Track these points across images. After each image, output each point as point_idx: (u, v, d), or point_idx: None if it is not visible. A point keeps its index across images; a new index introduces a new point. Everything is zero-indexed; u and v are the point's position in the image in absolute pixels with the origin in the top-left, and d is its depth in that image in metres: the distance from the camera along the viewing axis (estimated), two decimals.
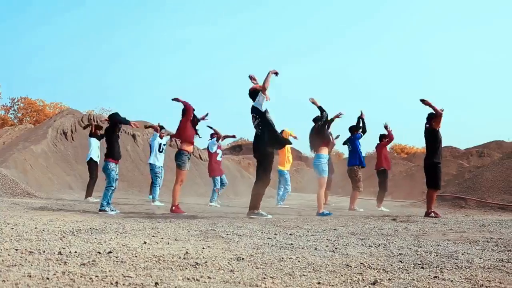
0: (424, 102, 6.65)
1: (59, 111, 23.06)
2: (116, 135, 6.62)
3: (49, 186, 11.27)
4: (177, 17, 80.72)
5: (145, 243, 3.04)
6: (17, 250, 2.57)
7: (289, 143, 6.95)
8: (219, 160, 9.49)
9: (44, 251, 2.57)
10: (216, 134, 9.44)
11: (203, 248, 2.93)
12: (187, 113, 6.94)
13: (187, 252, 2.72)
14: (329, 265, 2.46)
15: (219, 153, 9.47)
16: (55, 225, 3.93)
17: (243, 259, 2.56)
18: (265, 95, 5.83)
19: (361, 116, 9.04)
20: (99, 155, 9.64)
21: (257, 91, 5.88)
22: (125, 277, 2.01)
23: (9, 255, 2.41)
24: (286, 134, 8.89)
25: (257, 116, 5.87)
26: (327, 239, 3.57)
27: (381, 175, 9.40)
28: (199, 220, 5.20)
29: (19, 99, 32.10)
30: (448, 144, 27.15)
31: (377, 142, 9.57)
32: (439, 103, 6.72)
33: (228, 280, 2.05)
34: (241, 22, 78.95)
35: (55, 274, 2.00)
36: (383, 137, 9.45)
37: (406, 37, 76.33)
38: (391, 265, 2.51)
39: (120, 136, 6.95)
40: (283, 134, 8.19)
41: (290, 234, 3.89)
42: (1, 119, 30.81)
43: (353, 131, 9.03)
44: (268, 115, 5.88)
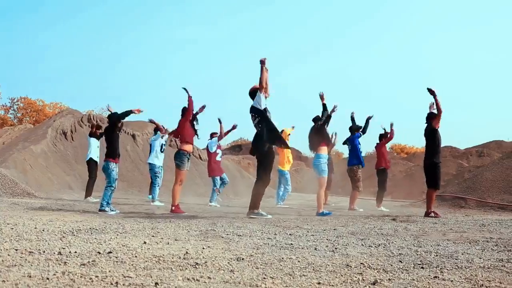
0: (430, 91, 6.59)
1: (58, 111, 23.06)
2: (116, 134, 6.60)
3: (48, 186, 11.27)
4: (177, 17, 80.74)
5: (145, 243, 3.04)
6: (17, 250, 2.57)
7: (286, 146, 6.93)
8: (219, 160, 9.48)
9: (44, 251, 2.57)
10: (216, 133, 9.42)
11: (203, 248, 2.93)
12: (186, 113, 6.94)
13: (187, 252, 2.72)
14: (329, 265, 2.46)
15: (218, 153, 9.46)
16: (55, 225, 3.93)
17: (243, 259, 2.56)
18: (264, 93, 5.84)
19: (370, 118, 9.10)
20: (98, 155, 9.65)
21: (257, 90, 5.88)
22: (125, 277, 2.01)
23: (9, 255, 2.41)
24: (285, 134, 8.90)
25: (257, 115, 5.87)
26: (327, 239, 3.57)
27: (380, 175, 9.42)
28: (199, 220, 5.20)
29: (18, 99, 32.15)
30: (447, 144, 27.16)
31: (377, 141, 9.61)
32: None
33: (228, 280, 2.05)
34: (241, 22, 78.98)
35: (55, 274, 2.00)
36: (382, 137, 9.48)
37: (406, 37, 76.36)
38: (391, 265, 2.51)
39: (120, 136, 6.94)
40: (282, 134, 8.19)
41: (290, 234, 3.89)
42: (0, 119, 30.80)
43: (353, 131, 9.06)
44: (267, 113, 5.88)
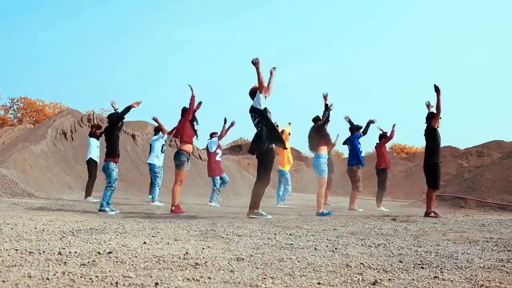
0: (436, 89, 6.58)
1: (58, 111, 23.07)
2: (116, 134, 6.59)
3: (48, 186, 11.26)
4: (177, 17, 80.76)
5: (145, 243, 3.04)
6: (17, 250, 2.57)
7: (284, 147, 6.93)
8: (219, 160, 9.48)
9: (44, 252, 2.57)
10: (216, 133, 9.42)
11: (203, 248, 2.93)
12: (186, 112, 6.94)
13: (187, 252, 2.72)
14: (329, 265, 2.46)
15: (218, 153, 9.45)
16: (54, 225, 3.93)
17: (243, 259, 2.56)
18: (264, 93, 5.84)
19: (372, 121, 9.11)
20: (98, 155, 9.65)
21: (257, 90, 5.89)
22: (125, 277, 2.01)
23: (9, 255, 2.41)
24: (286, 134, 8.90)
25: (257, 115, 5.88)
26: (327, 239, 3.57)
27: (380, 175, 9.43)
28: (199, 220, 5.19)
29: (18, 99, 32.15)
30: (447, 144, 27.20)
31: (377, 141, 9.63)
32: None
33: (228, 280, 2.05)
34: (241, 22, 78.99)
35: (55, 274, 2.00)
36: (382, 137, 9.51)
37: (406, 37, 76.39)
38: (391, 265, 2.51)
39: (120, 136, 6.94)
40: (283, 134, 8.20)
41: (290, 234, 3.88)
42: (0, 119, 30.79)
43: (353, 131, 9.06)
44: (267, 113, 5.88)
